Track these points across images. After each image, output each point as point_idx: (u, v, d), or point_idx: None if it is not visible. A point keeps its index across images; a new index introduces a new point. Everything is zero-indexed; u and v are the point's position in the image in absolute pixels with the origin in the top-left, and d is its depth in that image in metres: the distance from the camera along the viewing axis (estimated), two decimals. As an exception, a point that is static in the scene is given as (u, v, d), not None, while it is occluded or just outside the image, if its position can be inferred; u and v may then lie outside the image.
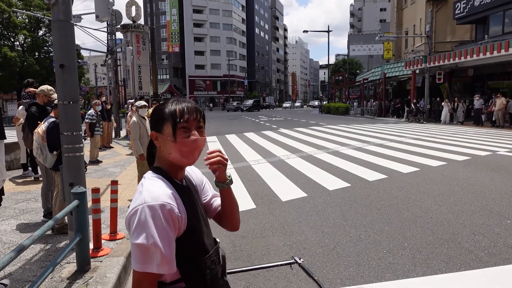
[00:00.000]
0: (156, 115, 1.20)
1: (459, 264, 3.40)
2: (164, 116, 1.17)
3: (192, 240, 1.16)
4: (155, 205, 1.05)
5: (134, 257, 1.05)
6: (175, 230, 1.09)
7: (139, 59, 18.88)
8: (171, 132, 1.15)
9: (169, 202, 1.07)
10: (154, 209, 1.05)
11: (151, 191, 1.09)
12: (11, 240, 4.05)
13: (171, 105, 1.18)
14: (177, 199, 1.12)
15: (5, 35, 32.15)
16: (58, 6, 3.37)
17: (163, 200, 1.07)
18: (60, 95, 3.51)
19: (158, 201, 1.06)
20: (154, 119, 1.20)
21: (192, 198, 1.24)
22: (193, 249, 1.17)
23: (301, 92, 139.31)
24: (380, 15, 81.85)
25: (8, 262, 1.87)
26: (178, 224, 1.09)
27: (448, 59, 21.00)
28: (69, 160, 3.54)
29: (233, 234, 4.31)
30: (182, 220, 1.11)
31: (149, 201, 1.06)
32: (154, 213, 1.04)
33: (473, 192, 5.92)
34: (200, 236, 1.20)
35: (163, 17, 67.68)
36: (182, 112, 1.16)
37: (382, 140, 13.04)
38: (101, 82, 48.34)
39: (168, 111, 1.17)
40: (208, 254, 1.21)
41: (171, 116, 1.16)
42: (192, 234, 1.16)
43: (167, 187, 1.13)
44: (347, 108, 36.08)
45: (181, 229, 1.12)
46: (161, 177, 1.17)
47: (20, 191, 6.28)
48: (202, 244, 1.20)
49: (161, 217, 1.04)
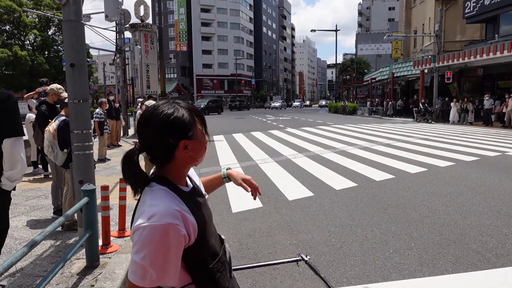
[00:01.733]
0: (181, 123, 1.09)
1: (466, 265, 3.39)
2: (189, 120, 1.11)
3: (202, 246, 1.12)
4: (158, 226, 0.99)
5: (131, 268, 1.04)
6: (179, 250, 1.04)
7: (147, 58, 19.00)
8: (202, 133, 1.14)
9: (174, 223, 1.01)
10: (158, 230, 0.99)
11: (155, 210, 1.02)
12: (22, 236, 4.12)
13: (185, 109, 1.12)
14: (183, 214, 1.06)
15: (15, 34, 32.58)
16: (69, 6, 3.42)
17: (167, 220, 1.00)
18: (70, 93, 3.57)
19: (162, 222, 1.00)
20: (181, 127, 1.09)
21: (199, 199, 1.20)
22: (202, 255, 1.13)
23: (308, 91, 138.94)
24: (389, 14, 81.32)
25: (21, 257, 1.91)
26: (185, 241, 1.05)
27: (457, 59, 20.80)
28: (79, 158, 3.60)
29: (240, 233, 4.34)
30: (190, 235, 1.07)
31: (154, 221, 1.00)
32: (157, 234, 0.99)
33: (482, 193, 5.88)
34: (209, 241, 1.16)
35: (171, 16, 68.01)
36: (200, 112, 1.16)
37: (390, 140, 12.97)
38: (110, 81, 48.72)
39: (193, 114, 1.13)
40: (218, 256, 1.18)
41: (199, 117, 1.14)
42: (202, 241, 1.12)
43: (173, 202, 1.07)
44: (355, 107, 35.92)
45: (191, 240, 1.08)
46: (167, 189, 1.10)
47: (31, 188, 6.38)
48: (211, 247, 1.17)
49: (164, 240, 0.99)
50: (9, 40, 32.00)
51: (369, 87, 39.04)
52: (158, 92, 18.82)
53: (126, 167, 1.12)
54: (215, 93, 71.20)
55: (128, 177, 1.12)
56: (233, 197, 5.87)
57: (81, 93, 3.56)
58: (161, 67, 18.83)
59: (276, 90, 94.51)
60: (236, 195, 6.03)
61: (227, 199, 5.77)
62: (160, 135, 1.08)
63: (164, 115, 1.08)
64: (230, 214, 5.08)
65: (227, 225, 4.62)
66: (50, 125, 4.45)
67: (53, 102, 5.25)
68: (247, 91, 74.36)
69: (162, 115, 1.08)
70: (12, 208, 5.16)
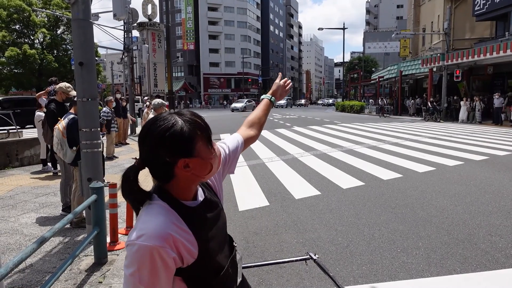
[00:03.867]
0: (178, 140, 0.98)
1: (474, 265, 3.36)
2: (191, 136, 0.99)
3: (203, 264, 1.06)
4: (145, 247, 0.94)
5: (124, 280, 1.01)
6: (168, 272, 0.99)
7: (155, 57, 19.07)
8: (206, 147, 1.01)
9: (161, 245, 0.95)
10: (144, 251, 0.94)
11: (146, 228, 0.96)
12: (31, 233, 4.17)
13: (186, 122, 1.00)
14: (177, 236, 0.99)
15: (25, 33, 32.90)
16: (78, 5, 3.45)
17: (154, 242, 0.94)
18: (79, 92, 3.60)
19: (148, 243, 0.94)
20: (178, 144, 0.98)
21: (208, 214, 1.11)
22: (205, 272, 1.07)
23: (315, 90, 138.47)
24: (397, 12, 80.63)
25: (31, 253, 1.94)
26: (177, 263, 1.00)
27: (466, 57, 20.55)
28: (88, 155, 3.63)
29: (247, 231, 4.35)
30: (183, 258, 1.01)
31: (141, 240, 0.95)
32: (144, 255, 0.94)
33: (491, 193, 5.82)
34: (213, 258, 1.09)
35: (178, 15, 68.20)
36: (202, 121, 1.03)
37: (398, 139, 12.88)
38: (118, 79, 49.07)
39: (195, 128, 1.00)
40: (223, 270, 1.12)
41: (202, 131, 1.01)
42: (205, 258, 1.05)
43: (167, 221, 0.99)
44: (362, 106, 35.69)
45: (187, 261, 1.02)
46: (165, 206, 1.02)
47: (40, 186, 6.45)
48: (216, 263, 1.10)
49: (150, 261, 0.95)
50: (19, 39, 32.32)
51: (377, 86, 38.76)
52: (165, 91, 18.89)
53: (125, 185, 1.04)
54: (222, 91, 71.33)
55: (127, 196, 1.05)
56: (240, 195, 5.88)
57: (90, 92, 3.59)
58: (169, 66, 18.90)
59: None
60: (242, 193, 6.04)
61: (234, 197, 5.78)
62: (156, 152, 0.98)
63: (160, 130, 0.97)
64: (237, 212, 5.09)
65: (234, 223, 4.63)
66: (59, 123, 4.50)
67: (62, 100, 5.31)
68: (254, 89, 74.31)
69: (158, 131, 0.97)
70: (21, 205, 5.24)
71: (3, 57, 31.02)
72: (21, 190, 6.09)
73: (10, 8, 30.55)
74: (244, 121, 1.58)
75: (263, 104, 1.63)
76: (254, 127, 1.55)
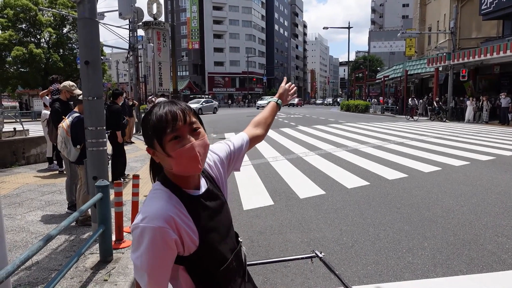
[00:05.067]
0: (145, 129, 1.07)
1: (481, 266, 3.33)
2: (154, 128, 1.03)
3: (206, 253, 1.09)
4: (147, 228, 0.99)
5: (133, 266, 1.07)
6: (170, 254, 1.03)
7: (160, 56, 19.15)
8: (161, 143, 1.03)
9: (163, 226, 0.99)
10: (147, 232, 0.99)
11: (148, 211, 1.02)
12: (38, 230, 4.20)
13: (153, 116, 1.04)
14: (179, 219, 1.03)
15: (31, 32, 33.09)
16: (83, 5, 3.46)
17: (156, 223, 0.99)
18: (85, 91, 3.61)
19: (151, 224, 0.99)
20: (144, 133, 1.07)
21: (210, 203, 1.15)
22: (207, 262, 1.10)
23: (320, 89, 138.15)
24: (403, 11, 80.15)
25: (37, 251, 1.95)
26: (178, 246, 1.03)
27: (473, 56, 20.40)
28: (93, 154, 3.65)
29: (251, 230, 4.34)
30: (183, 242, 1.04)
31: (144, 222, 1.00)
32: (146, 236, 0.99)
33: (497, 193, 5.77)
34: (216, 247, 1.12)
35: (183, 14, 68.32)
36: (165, 122, 1.02)
37: (403, 139, 12.82)
38: (123, 78, 49.27)
39: (150, 126, 1.04)
40: (227, 263, 1.14)
41: (154, 131, 1.03)
42: (206, 248, 1.09)
43: (169, 205, 1.04)
44: (367, 105, 35.55)
45: (190, 248, 1.06)
46: (168, 191, 1.07)
47: (46, 184, 6.49)
48: (218, 254, 1.13)
49: (152, 242, 0.99)
50: (25, 38, 32.54)
51: (382, 85, 38.59)
52: (170, 90, 18.94)
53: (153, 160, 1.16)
54: (227, 90, 71.40)
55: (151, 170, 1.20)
56: (244, 195, 5.89)
57: (95, 91, 3.60)
58: (173, 65, 18.94)
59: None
60: (247, 192, 6.04)
61: (239, 197, 5.79)
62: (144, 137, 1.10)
63: (144, 116, 1.09)
64: (242, 211, 5.09)
65: (239, 222, 4.63)
66: (63, 121, 4.52)
67: (66, 99, 5.34)
68: (258, 88, 74.32)
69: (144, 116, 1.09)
70: (28, 203, 5.28)
71: (9, 56, 31.25)
72: (27, 188, 6.14)
73: (16, 7, 30.78)
74: (251, 121, 1.59)
75: (270, 106, 1.67)
76: (260, 127, 1.57)
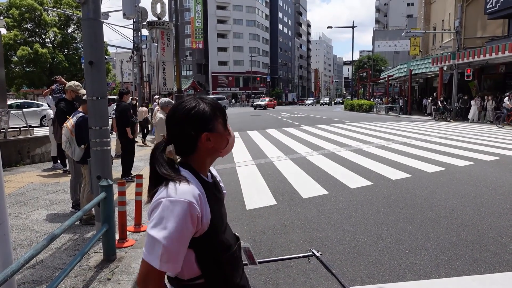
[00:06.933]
0: (201, 117, 1.16)
1: (484, 267, 3.32)
2: (212, 114, 1.18)
3: (214, 238, 1.15)
4: (177, 201, 1.04)
5: (145, 244, 1.07)
6: (192, 230, 1.07)
7: (164, 56, 19.15)
8: (223, 126, 1.21)
9: (192, 201, 1.06)
10: (175, 205, 1.04)
11: (177, 188, 1.07)
12: (42, 229, 4.24)
13: (207, 104, 1.19)
14: (202, 198, 1.11)
15: (36, 32, 33.29)
16: (88, 5, 3.49)
17: (186, 197, 1.06)
18: (89, 90, 3.64)
19: (181, 198, 1.05)
20: (201, 121, 1.16)
21: (217, 194, 1.24)
22: (214, 246, 1.16)
23: (324, 88, 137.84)
24: (407, 10, 79.76)
25: (42, 249, 1.97)
26: (198, 224, 1.09)
27: (478, 56, 20.26)
28: (97, 153, 3.67)
29: (254, 230, 4.35)
30: (203, 220, 1.10)
31: (173, 196, 1.05)
32: (174, 209, 1.04)
33: (501, 194, 5.74)
34: (222, 233, 1.20)
35: (187, 14, 68.42)
36: (220, 105, 1.24)
37: (407, 139, 12.77)
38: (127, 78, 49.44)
39: (215, 109, 1.20)
40: (232, 250, 1.22)
41: (221, 112, 1.21)
42: (214, 232, 1.15)
43: (194, 184, 1.12)
44: (371, 105, 35.45)
45: (203, 228, 1.11)
46: (189, 173, 1.16)
47: (50, 183, 6.54)
48: (224, 240, 1.20)
49: (180, 215, 1.03)
50: (30, 38, 32.74)
51: (386, 85, 38.45)
52: (174, 89, 18.97)
53: (154, 154, 1.18)
54: (230, 90, 71.41)
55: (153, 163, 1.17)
56: (247, 194, 5.89)
57: (99, 90, 3.63)
58: (177, 64, 18.95)
59: (292, 88, 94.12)
60: (250, 192, 6.05)
61: (241, 196, 5.80)
62: (182, 128, 1.16)
63: (186, 109, 1.16)
64: (244, 211, 5.10)
65: (241, 222, 4.64)
66: (68, 121, 4.55)
67: (72, 99, 5.37)
68: (262, 88, 74.28)
69: (184, 109, 1.16)
70: (32, 202, 5.32)
71: (15, 56, 31.46)
72: (32, 187, 6.18)
73: (22, 7, 30.98)
74: None
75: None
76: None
